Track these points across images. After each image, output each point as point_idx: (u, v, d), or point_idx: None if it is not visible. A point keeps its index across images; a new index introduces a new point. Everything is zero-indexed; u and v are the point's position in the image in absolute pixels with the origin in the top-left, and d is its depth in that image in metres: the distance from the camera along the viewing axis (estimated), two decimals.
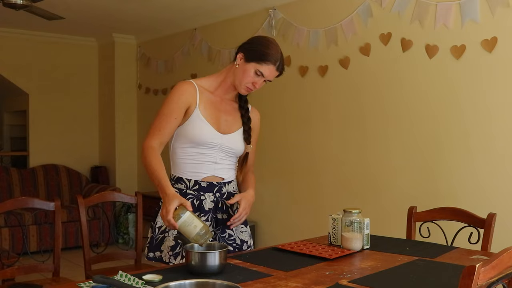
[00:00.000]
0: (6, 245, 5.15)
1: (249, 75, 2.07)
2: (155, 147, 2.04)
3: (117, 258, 3.10)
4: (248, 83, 2.09)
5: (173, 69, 5.95)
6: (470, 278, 1.12)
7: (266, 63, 2.05)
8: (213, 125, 2.11)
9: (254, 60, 2.06)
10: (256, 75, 2.07)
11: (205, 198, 2.13)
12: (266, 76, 2.08)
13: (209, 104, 2.13)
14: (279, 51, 2.09)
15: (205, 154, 2.11)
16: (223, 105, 2.18)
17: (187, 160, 2.13)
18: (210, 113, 2.12)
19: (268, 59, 2.05)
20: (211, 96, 2.16)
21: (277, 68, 2.09)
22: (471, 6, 3.34)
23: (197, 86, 2.12)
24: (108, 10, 5.17)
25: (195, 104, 2.09)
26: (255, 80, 2.08)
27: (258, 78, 2.08)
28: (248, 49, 2.09)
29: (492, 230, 2.32)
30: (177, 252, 2.09)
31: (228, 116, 2.18)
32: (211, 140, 2.10)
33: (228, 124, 2.16)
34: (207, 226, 1.83)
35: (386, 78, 3.86)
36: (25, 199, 2.74)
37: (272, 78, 2.11)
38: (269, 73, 2.08)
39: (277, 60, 2.07)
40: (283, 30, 4.61)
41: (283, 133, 4.69)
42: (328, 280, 1.66)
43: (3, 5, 3.93)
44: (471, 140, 3.39)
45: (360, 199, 4.00)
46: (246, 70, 2.07)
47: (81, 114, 6.67)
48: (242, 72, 2.08)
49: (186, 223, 1.80)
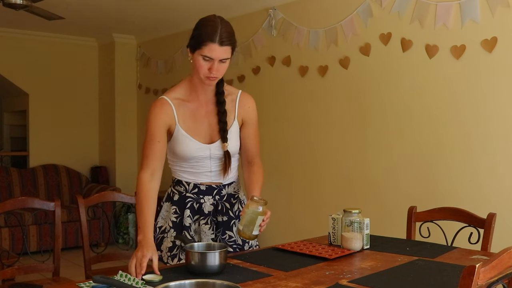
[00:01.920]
0: (6, 245, 5.15)
1: (200, 64, 1.94)
2: (145, 180, 1.99)
3: (117, 258, 3.09)
4: (205, 73, 1.95)
5: (173, 69, 5.95)
6: (470, 278, 1.12)
7: (205, 44, 1.90)
8: (197, 137, 2.05)
9: (196, 48, 1.94)
10: (205, 61, 1.94)
11: (205, 201, 2.12)
12: (213, 57, 1.92)
13: (188, 115, 2.05)
14: (216, 26, 1.92)
15: (198, 165, 2.09)
16: (203, 108, 2.09)
17: (183, 171, 2.13)
18: (192, 125, 2.05)
19: (205, 39, 1.90)
20: (188, 104, 2.07)
21: (220, 43, 1.90)
22: (471, 6, 3.34)
23: (171, 102, 2.03)
24: (108, 10, 5.17)
25: (174, 121, 2.03)
26: (208, 66, 1.94)
27: (209, 62, 1.94)
28: (189, 41, 1.99)
29: (492, 230, 2.32)
30: (174, 254, 2.09)
31: (212, 118, 2.08)
32: (198, 154, 2.05)
33: (212, 128, 2.08)
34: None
35: (386, 78, 3.86)
36: (25, 199, 2.74)
37: (223, 56, 1.93)
38: (214, 53, 1.91)
39: (215, 36, 1.89)
40: (283, 30, 4.61)
41: (283, 133, 4.69)
42: (328, 280, 1.66)
43: (3, 5, 3.93)
44: (471, 140, 3.39)
45: (360, 199, 4.00)
46: (195, 61, 1.97)
47: (81, 114, 6.67)
48: (195, 65, 1.98)
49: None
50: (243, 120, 2.15)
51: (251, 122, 2.16)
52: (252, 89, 4.65)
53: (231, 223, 2.17)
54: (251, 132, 2.17)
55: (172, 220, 2.13)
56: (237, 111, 2.13)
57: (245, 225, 1.91)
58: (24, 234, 3.22)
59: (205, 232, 2.11)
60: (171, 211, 2.15)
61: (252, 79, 4.90)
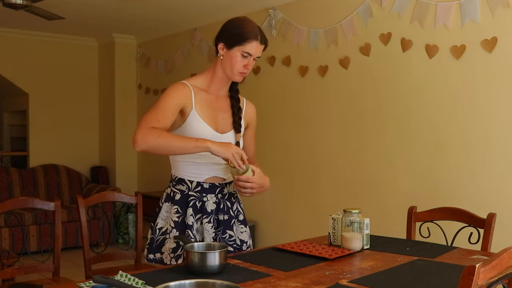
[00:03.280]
0: (6, 245, 5.15)
1: (237, 60, 2.05)
2: (156, 126, 1.92)
3: (117, 258, 3.09)
4: (240, 68, 2.07)
5: (173, 69, 5.95)
6: (470, 278, 1.12)
7: (249, 41, 2.03)
8: (211, 125, 2.10)
9: (236, 44, 2.04)
10: (243, 57, 2.05)
11: (208, 199, 2.13)
12: (253, 54, 2.06)
13: (205, 103, 2.11)
14: (255, 25, 2.07)
15: (205, 156, 2.08)
16: (218, 103, 2.16)
17: (188, 162, 2.12)
18: (207, 113, 2.10)
19: (249, 37, 2.03)
20: (206, 94, 2.13)
21: (261, 41, 2.06)
22: (471, 6, 3.34)
23: (191, 87, 2.09)
24: (108, 10, 5.17)
25: (191, 105, 2.07)
26: (244, 62, 2.06)
27: (246, 59, 2.06)
28: (226, 36, 2.07)
29: (492, 230, 2.32)
30: (179, 255, 2.08)
31: (224, 114, 2.17)
32: None
33: (225, 123, 2.16)
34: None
35: (386, 78, 3.86)
36: (25, 199, 2.73)
37: (260, 54, 2.09)
38: (255, 50, 2.06)
39: (257, 34, 2.05)
40: (283, 30, 4.61)
41: (283, 133, 4.69)
42: (328, 280, 1.66)
43: (3, 5, 3.93)
44: (471, 140, 3.39)
45: (360, 199, 4.00)
46: (232, 57, 2.05)
47: (81, 114, 6.67)
48: (230, 61, 2.06)
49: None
50: (247, 124, 2.27)
51: (252, 127, 2.32)
52: (252, 89, 4.65)
53: (231, 223, 2.18)
54: (251, 136, 2.31)
55: (174, 220, 2.12)
56: (243, 115, 2.25)
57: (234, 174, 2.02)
58: (24, 234, 3.21)
59: (208, 230, 2.11)
60: (173, 211, 2.13)
61: (252, 79, 4.90)
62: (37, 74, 6.34)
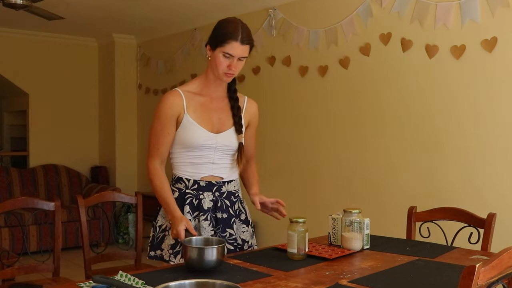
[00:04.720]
0: (6, 245, 5.15)
1: (220, 61, 2.07)
2: (157, 167, 2.13)
3: (117, 258, 3.09)
4: (224, 69, 2.08)
5: (173, 69, 5.95)
6: (470, 278, 1.12)
7: (228, 42, 2.04)
8: (205, 126, 2.12)
9: (217, 45, 2.07)
10: (226, 58, 2.06)
11: (204, 197, 2.15)
12: (234, 55, 2.05)
13: (198, 106, 2.15)
14: (238, 26, 2.06)
15: (202, 156, 2.13)
16: (214, 104, 2.18)
17: (185, 163, 2.16)
18: (200, 115, 2.13)
19: (228, 38, 2.04)
20: (200, 97, 2.17)
21: (241, 42, 2.05)
22: (471, 6, 3.34)
23: (182, 93, 2.14)
24: (108, 10, 5.17)
25: (183, 110, 2.11)
26: (227, 63, 2.07)
27: (229, 60, 2.06)
28: (210, 38, 2.12)
29: (492, 230, 2.32)
30: (177, 251, 2.11)
31: (221, 113, 2.18)
32: (205, 142, 2.11)
33: (221, 122, 2.17)
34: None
35: (386, 78, 3.86)
36: (25, 199, 2.73)
37: (243, 54, 2.07)
38: (235, 51, 2.05)
39: (237, 35, 2.04)
40: (283, 30, 4.61)
41: (283, 132, 4.69)
42: (328, 280, 1.66)
43: (3, 5, 3.93)
44: (471, 140, 3.39)
45: (360, 199, 4.00)
46: (215, 58, 2.08)
47: (81, 114, 6.67)
48: (215, 62, 2.09)
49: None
50: (248, 123, 2.28)
51: (253, 125, 2.32)
52: (252, 89, 4.65)
53: (231, 221, 2.19)
54: (252, 134, 2.32)
55: None
56: (244, 114, 2.25)
57: (299, 247, 1.97)
58: (24, 234, 3.22)
59: (205, 228, 2.13)
60: None
61: (252, 79, 4.90)
62: (37, 74, 6.34)
